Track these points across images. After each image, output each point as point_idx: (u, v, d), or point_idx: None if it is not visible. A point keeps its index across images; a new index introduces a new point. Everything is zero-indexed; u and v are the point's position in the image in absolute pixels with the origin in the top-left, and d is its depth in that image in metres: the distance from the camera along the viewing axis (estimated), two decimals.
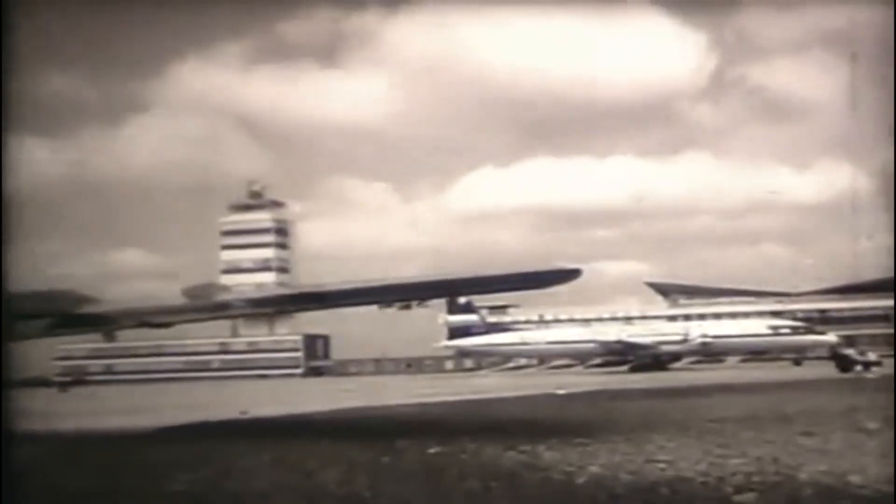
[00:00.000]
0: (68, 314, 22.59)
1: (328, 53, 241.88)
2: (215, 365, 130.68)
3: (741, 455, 12.20)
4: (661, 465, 11.35)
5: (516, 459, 12.50)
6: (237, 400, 39.06)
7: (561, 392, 34.61)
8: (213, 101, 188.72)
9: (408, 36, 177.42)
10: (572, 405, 26.30)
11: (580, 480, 10.35)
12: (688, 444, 14.01)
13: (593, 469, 11.21)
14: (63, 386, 63.57)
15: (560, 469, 11.30)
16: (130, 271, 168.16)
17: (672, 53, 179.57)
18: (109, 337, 26.38)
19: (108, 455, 15.44)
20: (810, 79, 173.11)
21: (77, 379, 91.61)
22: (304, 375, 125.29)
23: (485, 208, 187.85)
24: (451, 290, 53.51)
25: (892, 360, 53.48)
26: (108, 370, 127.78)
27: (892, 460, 11.21)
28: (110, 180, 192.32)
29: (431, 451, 13.68)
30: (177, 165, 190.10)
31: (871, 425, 15.56)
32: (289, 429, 20.64)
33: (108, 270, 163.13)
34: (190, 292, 20.56)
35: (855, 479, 10.02)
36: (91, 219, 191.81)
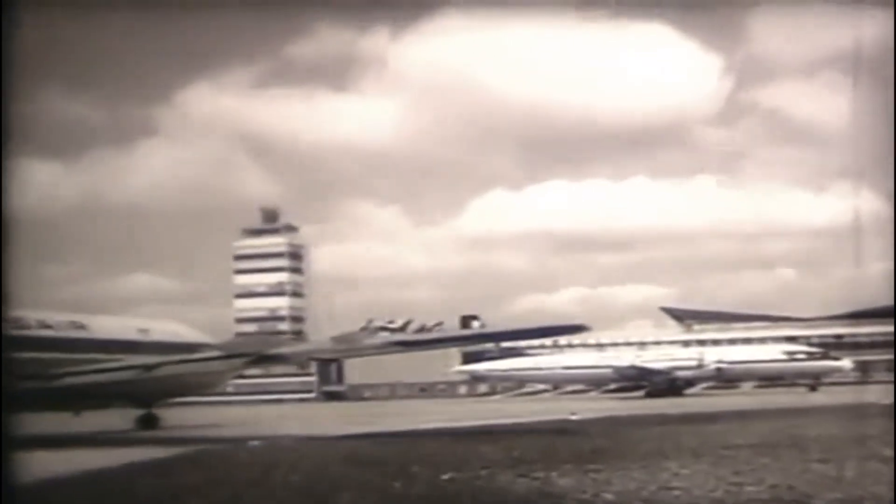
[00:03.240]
0: (264, 354, 32.33)
1: (338, 76, 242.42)
2: (228, 388, 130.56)
3: (756, 482, 12.17)
4: (676, 493, 11.32)
5: (530, 486, 12.48)
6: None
7: (574, 417, 34.55)
8: (223, 124, 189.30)
9: (418, 58, 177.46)
10: (586, 430, 26.17)
11: None
12: (702, 470, 13.97)
13: (607, 496, 11.19)
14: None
15: (574, 497, 11.28)
16: (141, 296, 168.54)
17: (686, 76, 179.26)
18: (302, 366, 58.10)
19: None
20: (824, 102, 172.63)
21: None
22: (318, 400, 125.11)
23: (497, 232, 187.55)
24: (481, 341, 61.91)
25: None
26: None
27: (893, 483, 11.22)
28: (120, 204, 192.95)
29: (445, 476, 13.67)
30: (187, 189, 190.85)
31: (886, 452, 15.48)
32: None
33: (118, 295, 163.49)
34: (339, 338, 32.51)
35: None
36: (100, 243, 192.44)
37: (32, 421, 33.06)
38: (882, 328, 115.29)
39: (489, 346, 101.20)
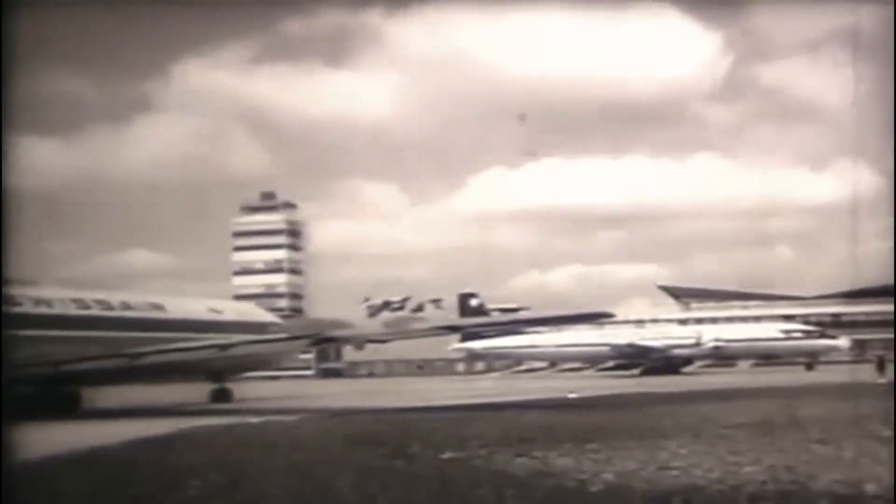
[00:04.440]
0: (323, 336, 38.00)
1: (334, 52, 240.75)
2: None
3: (754, 462, 12.19)
4: (675, 473, 11.33)
5: (528, 466, 12.48)
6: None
7: (573, 395, 34.62)
8: (219, 100, 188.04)
9: (415, 34, 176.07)
10: (585, 410, 26.21)
11: (593, 489, 10.30)
12: (701, 449, 14.00)
13: (607, 476, 11.18)
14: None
15: (572, 476, 11.28)
16: (139, 271, 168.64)
17: (685, 53, 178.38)
18: (360, 347, 47.70)
19: None
20: (824, 79, 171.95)
21: None
22: (316, 377, 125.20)
23: (494, 209, 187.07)
24: (517, 325, 70.76)
25: None
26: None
27: (894, 462, 11.25)
28: (116, 180, 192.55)
29: (444, 456, 13.69)
30: (183, 165, 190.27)
31: (884, 433, 15.51)
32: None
33: (116, 271, 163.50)
34: (391, 323, 42.33)
35: (870, 487, 9.98)
36: (97, 219, 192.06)
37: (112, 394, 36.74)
38: (879, 307, 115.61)
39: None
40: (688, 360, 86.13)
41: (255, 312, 48.40)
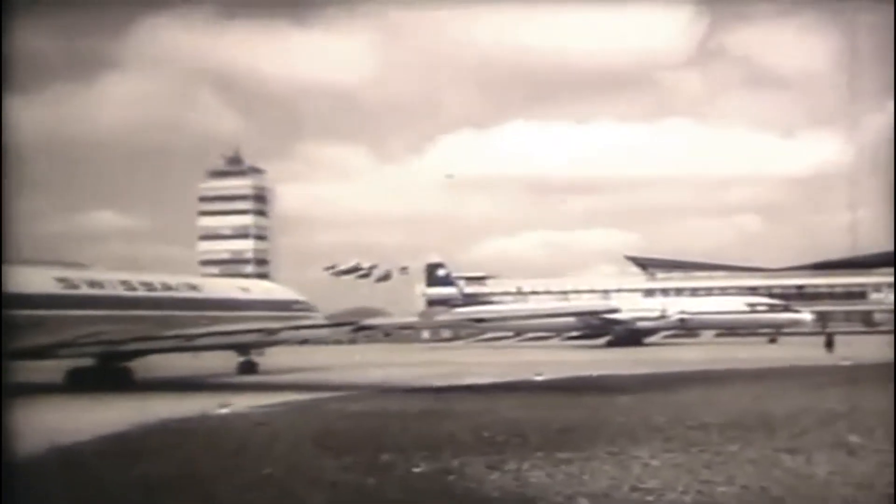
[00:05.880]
0: (361, 324, 38.37)
1: (303, 12, 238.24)
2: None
3: (728, 482, 12.20)
4: (649, 499, 11.27)
5: (501, 484, 12.40)
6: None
7: (539, 378, 34.57)
8: (184, 59, 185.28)
9: None
10: (553, 397, 26.19)
11: None
12: (673, 460, 13.99)
13: (582, 502, 11.12)
14: None
15: (548, 499, 11.21)
16: (104, 233, 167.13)
17: (657, 18, 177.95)
18: (388, 335, 65.55)
19: None
20: (799, 43, 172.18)
21: None
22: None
23: (461, 175, 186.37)
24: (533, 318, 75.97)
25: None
26: None
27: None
28: (80, 139, 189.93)
29: (416, 469, 13.58)
30: (147, 125, 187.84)
31: (853, 438, 15.63)
32: None
33: (81, 232, 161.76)
34: (423, 314, 43.54)
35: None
36: (61, 178, 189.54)
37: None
38: (844, 279, 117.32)
39: (454, 292, 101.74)
40: (652, 331, 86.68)
41: (278, 290, 51.67)
